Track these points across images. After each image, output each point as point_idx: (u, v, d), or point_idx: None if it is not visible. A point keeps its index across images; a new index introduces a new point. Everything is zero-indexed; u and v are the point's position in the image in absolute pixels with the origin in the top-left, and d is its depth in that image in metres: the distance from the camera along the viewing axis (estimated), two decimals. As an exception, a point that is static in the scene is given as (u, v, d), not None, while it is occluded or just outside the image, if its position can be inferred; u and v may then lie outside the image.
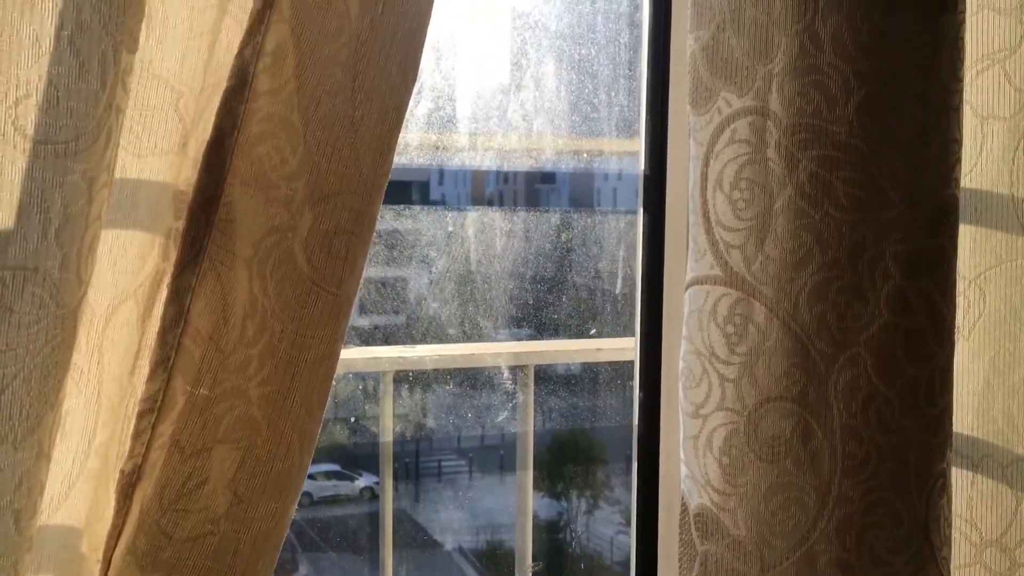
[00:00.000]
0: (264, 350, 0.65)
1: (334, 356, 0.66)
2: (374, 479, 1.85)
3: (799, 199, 0.81)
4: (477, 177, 1.32)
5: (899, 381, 0.82)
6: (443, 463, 1.99)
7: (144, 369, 0.69)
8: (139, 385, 0.69)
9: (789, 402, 0.82)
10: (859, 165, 0.79)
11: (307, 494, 2.03)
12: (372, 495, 1.95)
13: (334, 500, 2.05)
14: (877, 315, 0.81)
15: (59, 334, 0.60)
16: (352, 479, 2.04)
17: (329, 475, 2.04)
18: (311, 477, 2.02)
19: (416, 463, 1.97)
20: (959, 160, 0.83)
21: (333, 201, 0.66)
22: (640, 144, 0.98)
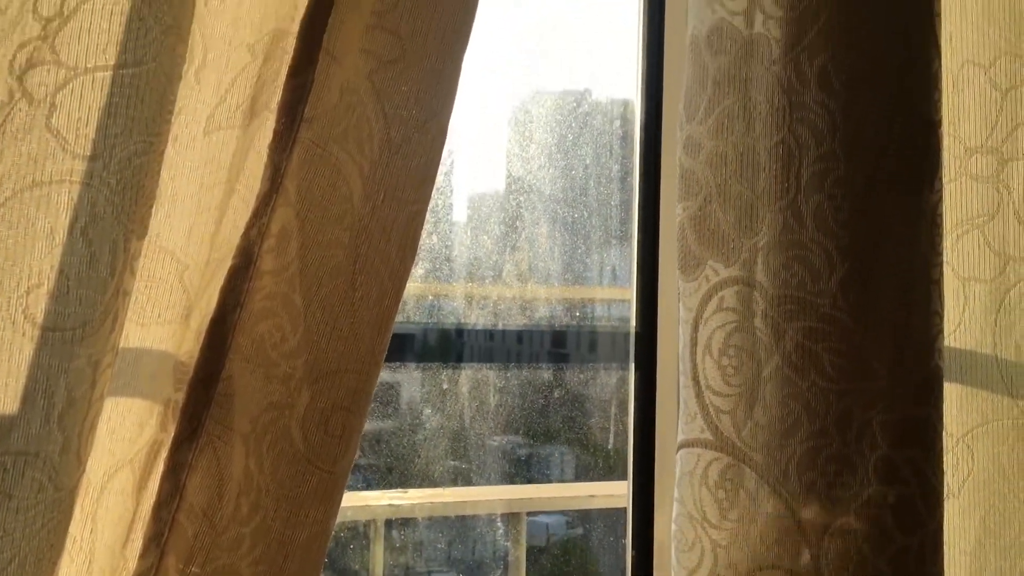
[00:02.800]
0: (257, 529, 0.65)
1: (326, 535, 0.67)
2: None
3: (786, 368, 0.82)
4: (471, 334, 1.35)
5: (889, 550, 0.82)
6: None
7: (137, 542, 0.69)
8: (131, 558, 0.69)
9: (780, 571, 0.82)
10: (844, 336, 0.81)
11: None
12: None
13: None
14: (866, 484, 0.82)
15: (55, 516, 0.60)
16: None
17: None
18: None
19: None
20: (941, 332, 0.85)
21: (331, 379, 0.67)
22: (631, 297, 1.01)
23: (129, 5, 0.60)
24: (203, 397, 0.68)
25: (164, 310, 0.73)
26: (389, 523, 1.35)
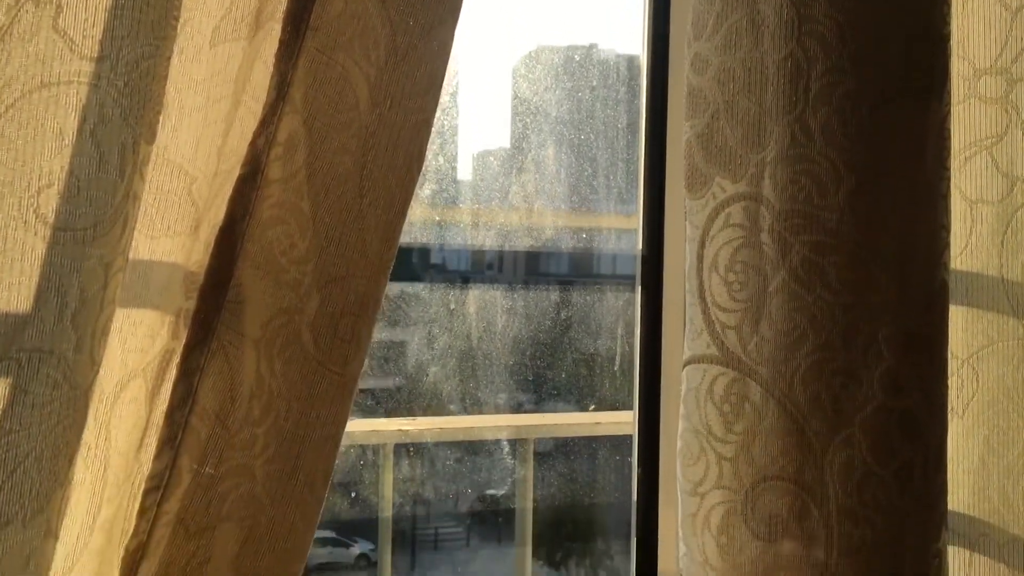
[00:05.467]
0: (270, 429, 0.66)
1: (338, 436, 0.68)
2: (370, 546, 1.84)
3: (792, 282, 0.83)
4: (477, 255, 1.35)
5: (894, 461, 0.83)
6: (440, 531, 1.98)
7: (151, 446, 0.70)
8: (145, 462, 0.70)
9: (786, 481, 0.83)
10: (850, 250, 0.82)
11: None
12: (368, 562, 1.94)
13: (329, 567, 2.04)
14: (871, 396, 0.83)
15: (71, 415, 0.61)
16: (347, 546, 2.03)
17: (324, 542, 2.03)
18: None
19: (413, 533, 1.96)
20: (947, 245, 0.85)
21: (340, 285, 0.68)
22: (638, 223, 1.01)
23: (133, -97, 0.60)
24: (214, 304, 0.69)
25: (174, 223, 0.74)
26: (398, 449, 1.37)
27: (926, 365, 0.83)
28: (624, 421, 1.07)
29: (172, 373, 0.71)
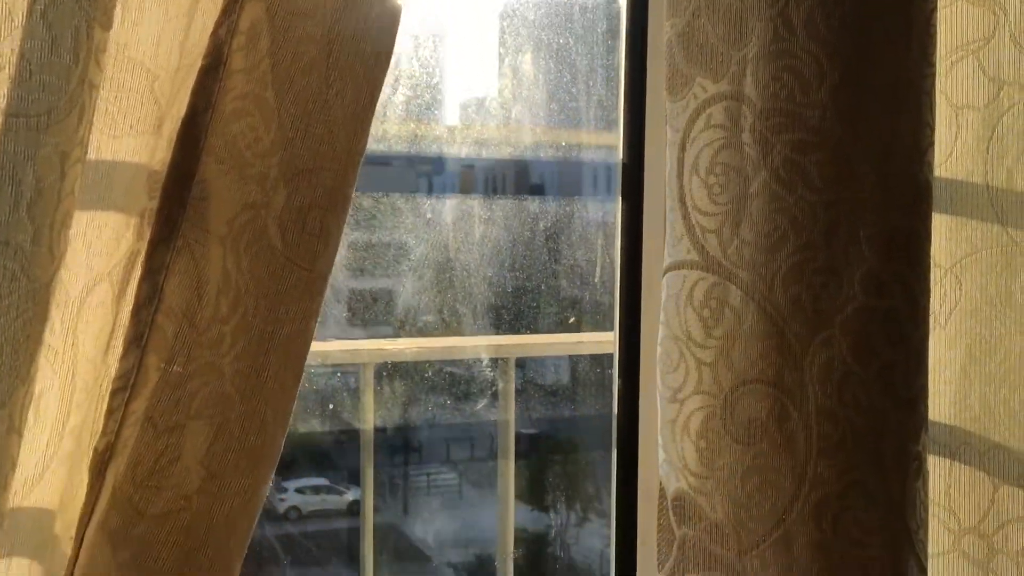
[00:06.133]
0: (238, 326, 0.65)
1: (308, 333, 0.66)
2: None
3: (773, 183, 0.81)
4: (453, 165, 1.32)
5: (875, 363, 0.82)
6: (425, 452, 1.99)
7: (118, 348, 0.69)
8: (113, 365, 0.69)
9: (765, 384, 0.83)
10: (833, 147, 0.80)
11: (295, 508, 2.03)
12: (361, 509, 1.94)
13: (322, 514, 2.05)
14: (852, 297, 0.82)
15: (30, 308, 0.60)
16: (341, 493, 2.04)
17: (318, 489, 2.04)
18: (299, 492, 2.03)
19: (399, 457, 1.97)
20: (932, 144, 0.84)
21: (307, 177, 0.66)
22: (619, 134, 0.99)
23: None
24: (177, 200, 0.67)
25: (136, 121, 0.72)
26: (379, 369, 1.37)
27: (908, 264, 0.82)
28: (606, 340, 1.07)
29: (137, 274, 0.69)
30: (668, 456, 0.88)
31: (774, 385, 0.82)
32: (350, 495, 1.98)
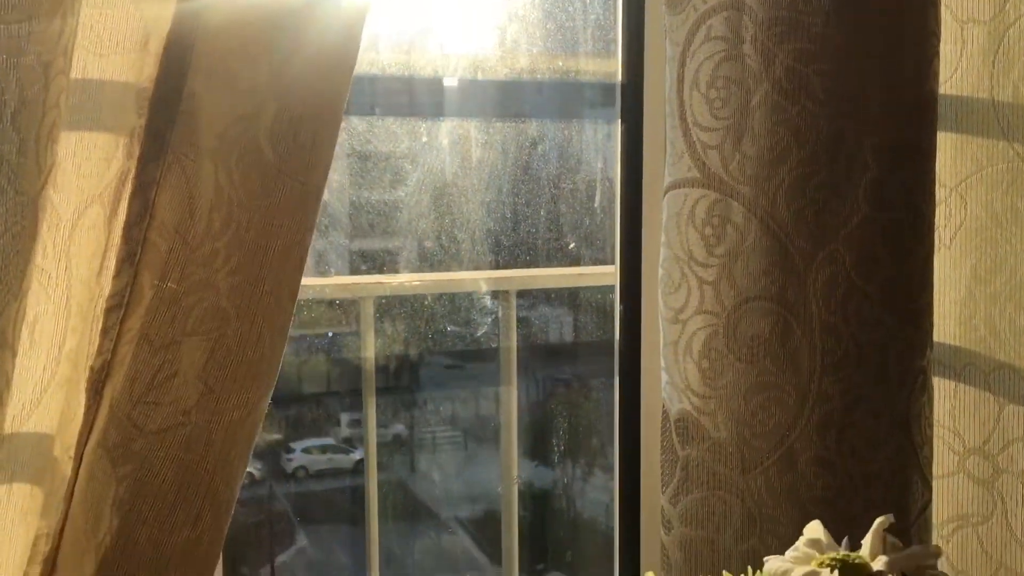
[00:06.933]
0: (231, 241, 0.64)
1: (303, 245, 0.65)
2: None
3: (775, 94, 0.80)
4: (447, 87, 1.30)
5: (878, 277, 0.81)
6: (428, 381, 2.00)
7: (111, 269, 0.68)
8: (106, 286, 0.68)
9: (768, 301, 0.82)
10: (836, 57, 0.78)
11: (303, 467, 2.05)
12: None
13: (329, 473, 2.06)
14: (856, 210, 0.80)
15: (19, 222, 0.58)
16: (347, 452, 2.05)
17: (324, 448, 2.05)
18: (306, 451, 2.04)
19: (401, 388, 1.97)
20: (937, 54, 0.82)
21: (298, 89, 0.64)
22: (617, 54, 0.97)
23: None
24: (165, 115, 0.65)
25: (123, 39, 0.70)
26: (378, 304, 1.36)
27: (913, 176, 0.81)
28: (608, 272, 1.05)
29: (128, 192, 0.68)
30: (671, 377, 0.87)
31: (777, 302, 0.81)
32: (356, 454, 2.00)
